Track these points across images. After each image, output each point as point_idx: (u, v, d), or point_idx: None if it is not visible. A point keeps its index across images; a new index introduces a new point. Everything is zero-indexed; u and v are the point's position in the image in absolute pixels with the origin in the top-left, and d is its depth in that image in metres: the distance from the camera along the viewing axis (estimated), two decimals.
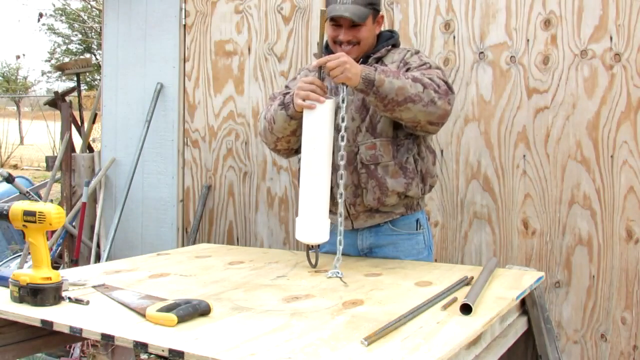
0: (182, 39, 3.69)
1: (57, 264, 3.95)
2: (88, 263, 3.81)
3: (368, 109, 2.08)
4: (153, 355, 1.26)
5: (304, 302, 1.57)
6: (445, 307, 1.51)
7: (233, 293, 1.66)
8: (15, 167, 13.18)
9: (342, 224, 1.94)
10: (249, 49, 3.48)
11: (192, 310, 1.39)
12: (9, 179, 3.96)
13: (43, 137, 13.13)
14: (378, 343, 1.24)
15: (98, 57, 14.57)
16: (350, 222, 2.16)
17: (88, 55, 16.17)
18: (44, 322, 1.42)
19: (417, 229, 2.19)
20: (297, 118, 2.00)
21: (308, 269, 2.00)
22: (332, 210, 2.06)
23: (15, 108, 22.61)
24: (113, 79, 3.99)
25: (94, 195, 3.97)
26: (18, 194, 4.17)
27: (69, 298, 1.54)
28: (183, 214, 3.75)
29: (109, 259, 3.54)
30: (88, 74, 14.34)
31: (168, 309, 1.37)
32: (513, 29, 2.77)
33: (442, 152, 2.93)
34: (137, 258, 2.28)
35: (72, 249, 3.93)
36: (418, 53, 2.15)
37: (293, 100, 1.97)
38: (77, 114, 4.68)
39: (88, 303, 1.53)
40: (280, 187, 3.40)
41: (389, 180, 2.07)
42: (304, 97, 1.92)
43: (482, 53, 2.84)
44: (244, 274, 1.93)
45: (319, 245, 2.03)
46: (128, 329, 1.33)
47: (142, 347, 1.24)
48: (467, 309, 1.45)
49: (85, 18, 15.10)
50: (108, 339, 1.31)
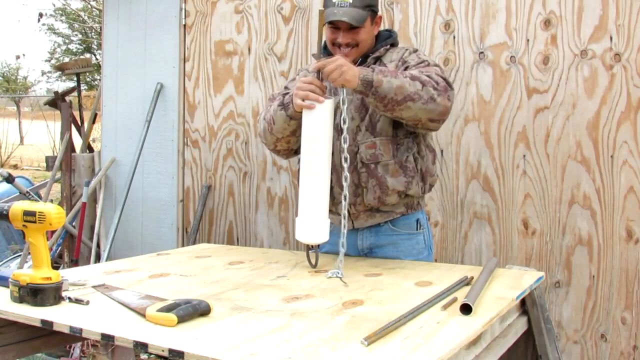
0: (182, 39, 3.69)
1: (57, 264, 3.95)
2: (88, 263, 3.81)
3: (367, 108, 2.08)
4: (153, 355, 1.26)
5: (304, 302, 1.57)
6: (445, 307, 1.51)
7: (233, 293, 1.66)
8: (15, 167, 13.18)
9: (345, 226, 1.94)
10: (249, 49, 3.48)
11: (192, 310, 1.39)
12: (9, 179, 3.96)
13: (43, 137, 13.13)
14: (378, 343, 1.24)
15: (98, 57, 14.57)
16: (351, 221, 2.15)
17: (88, 55, 16.17)
18: (44, 322, 1.42)
19: (417, 229, 2.19)
20: (296, 118, 2.00)
21: (308, 269, 2.00)
22: (332, 210, 2.06)
23: (15, 108, 22.61)
24: (113, 79, 3.99)
25: (94, 195, 3.97)
26: (18, 194, 4.17)
27: (69, 298, 1.54)
28: (183, 214, 3.75)
29: (109, 259, 3.54)
30: (88, 74, 14.35)
31: (168, 309, 1.37)
32: (513, 29, 2.77)
33: (442, 152, 2.93)
34: (137, 258, 2.28)
35: (72, 249, 3.93)
36: (416, 51, 2.15)
37: (292, 101, 1.97)
38: (77, 114, 4.68)
39: (88, 303, 1.53)
40: (280, 187, 3.40)
41: (389, 179, 2.07)
42: (303, 97, 1.92)
43: (482, 53, 2.84)
44: (244, 274, 1.93)
45: (319, 245, 2.03)
46: (128, 329, 1.33)
47: (142, 347, 1.24)
48: (467, 309, 1.45)
49: (85, 18, 15.09)
50: (108, 339, 1.31)
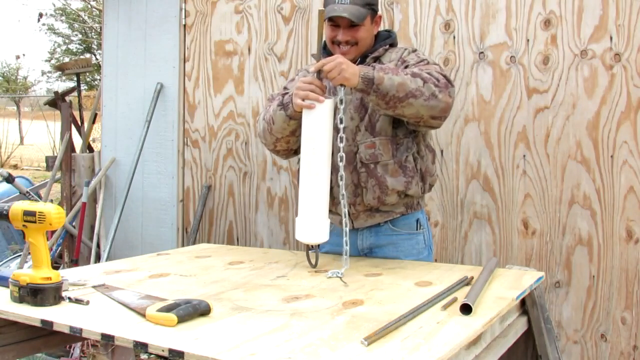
0: (182, 39, 3.69)
1: (57, 264, 3.95)
2: (88, 263, 3.81)
3: (367, 108, 2.08)
4: (153, 355, 1.26)
5: (304, 302, 1.57)
6: (445, 307, 1.51)
7: (233, 293, 1.66)
8: (15, 167, 13.18)
9: (347, 225, 1.94)
10: (249, 49, 3.48)
11: (192, 310, 1.39)
12: (9, 179, 3.96)
13: (43, 137, 13.13)
14: (378, 343, 1.24)
15: (98, 57, 14.57)
16: (351, 221, 2.15)
17: (88, 55, 16.16)
18: (44, 322, 1.42)
19: (417, 229, 2.19)
20: (296, 118, 2.00)
21: (308, 269, 2.00)
22: (331, 210, 2.06)
23: (15, 108, 22.61)
24: (113, 79, 3.99)
25: (94, 195, 3.97)
26: (18, 194, 4.17)
27: (69, 298, 1.54)
28: (183, 214, 3.75)
29: (109, 259, 3.54)
30: (88, 74, 14.35)
31: (168, 309, 1.37)
32: (513, 29, 2.77)
33: (442, 152, 2.93)
34: (137, 258, 2.28)
35: (72, 249, 3.93)
36: (415, 51, 2.15)
37: (292, 100, 1.96)
38: (77, 114, 4.68)
39: (88, 303, 1.53)
40: (280, 187, 3.40)
41: (389, 179, 2.07)
42: (303, 96, 1.91)
43: (482, 53, 2.84)
44: (244, 274, 1.93)
45: (319, 245, 2.03)
46: (128, 329, 1.33)
47: (142, 347, 1.24)
48: (467, 309, 1.45)
49: (85, 18, 15.09)
50: (108, 339, 1.31)
